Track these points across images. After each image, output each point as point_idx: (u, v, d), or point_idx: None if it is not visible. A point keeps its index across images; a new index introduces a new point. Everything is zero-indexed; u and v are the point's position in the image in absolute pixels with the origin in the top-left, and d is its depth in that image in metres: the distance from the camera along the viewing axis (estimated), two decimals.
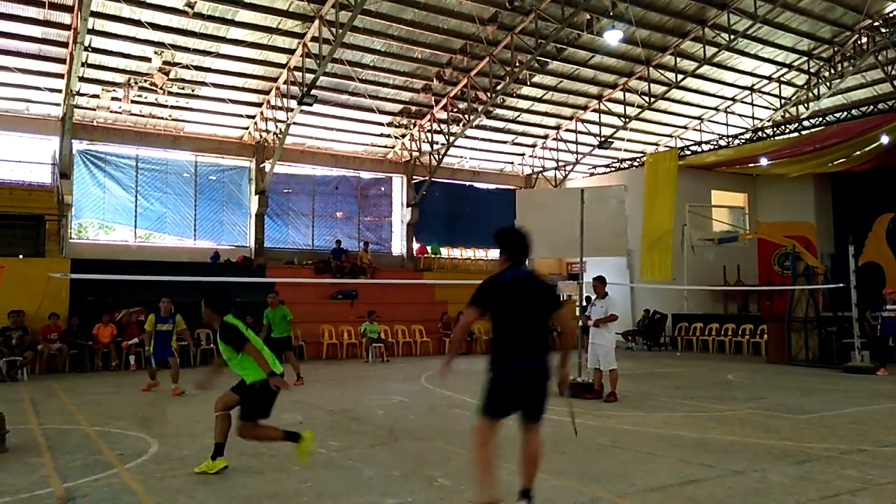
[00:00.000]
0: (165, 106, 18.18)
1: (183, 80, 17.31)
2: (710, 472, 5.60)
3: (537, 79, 20.01)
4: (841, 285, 14.74)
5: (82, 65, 15.51)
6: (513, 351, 4.30)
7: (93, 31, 14.90)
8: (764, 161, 19.87)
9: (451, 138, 20.50)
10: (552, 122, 22.78)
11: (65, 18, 14.65)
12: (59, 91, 16.66)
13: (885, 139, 16.94)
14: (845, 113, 18.78)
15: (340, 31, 14.88)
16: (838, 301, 15.88)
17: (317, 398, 10.45)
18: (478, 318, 4.41)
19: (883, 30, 20.06)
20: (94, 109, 17.75)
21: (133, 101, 17.58)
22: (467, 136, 21.52)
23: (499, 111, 21.16)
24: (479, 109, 19.61)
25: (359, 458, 6.22)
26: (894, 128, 16.75)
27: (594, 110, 22.02)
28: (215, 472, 5.57)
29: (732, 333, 18.94)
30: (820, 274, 16.01)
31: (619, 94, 21.33)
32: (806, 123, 19.68)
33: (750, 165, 20.79)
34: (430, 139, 21.41)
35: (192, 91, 17.80)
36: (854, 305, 13.78)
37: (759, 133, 20.89)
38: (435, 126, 21.03)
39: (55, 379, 12.90)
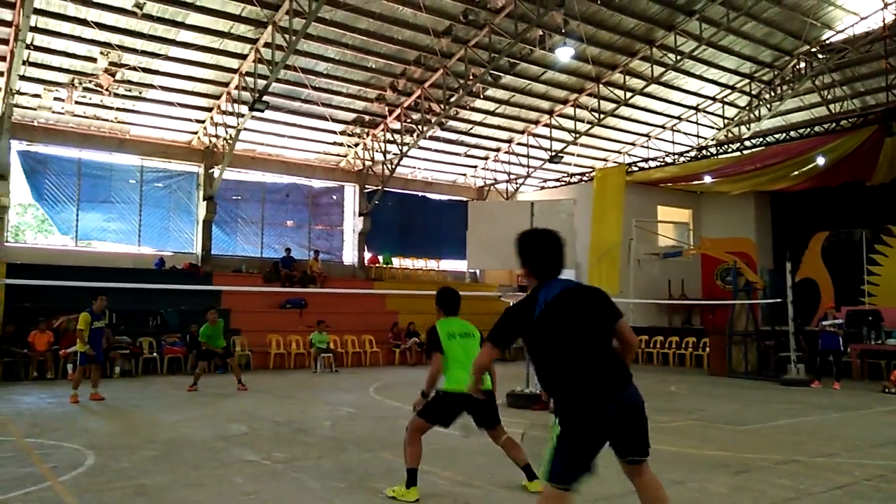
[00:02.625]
0: (111, 108, 17.69)
1: (130, 82, 16.89)
2: None
3: (490, 92, 20.23)
4: (779, 300, 15.26)
5: (24, 63, 15.01)
6: (585, 392, 3.26)
7: (35, 29, 14.43)
8: (708, 178, 20.47)
9: (405, 148, 20.53)
10: (504, 135, 23.03)
11: (6, 15, 14.15)
12: None
13: (820, 161, 17.65)
14: (784, 134, 19.49)
15: (294, 37, 14.78)
16: (776, 316, 16.43)
17: (263, 409, 10.29)
18: (496, 356, 3.53)
19: (820, 56, 20.96)
20: (35, 109, 17.16)
21: (77, 102, 17.06)
22: (420, 147, 21.57)
23: (452, 123, 21.29)
24: (433, 121, 19.70)
25: (304, 470, 6.15)
26: (829, 150, 17.48)
27: (545, 125, 22.35)
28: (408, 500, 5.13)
29: (676, 346, 19.39)
30: (759, 289, 16.55)
31: (569, 110, 21.70)
32: (748, 143, 20.36)
33: (694, 182, 21.39)
34: (383, 149, 21.39)
35: (140, 93, 17.37)
36: (791, 320, 14.27)
37: (704, 151, 21.51)
38: (388, 136, 21.03)
39: None
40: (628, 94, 20.65)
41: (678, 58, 19.38)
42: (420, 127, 19.91)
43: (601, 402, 3.21)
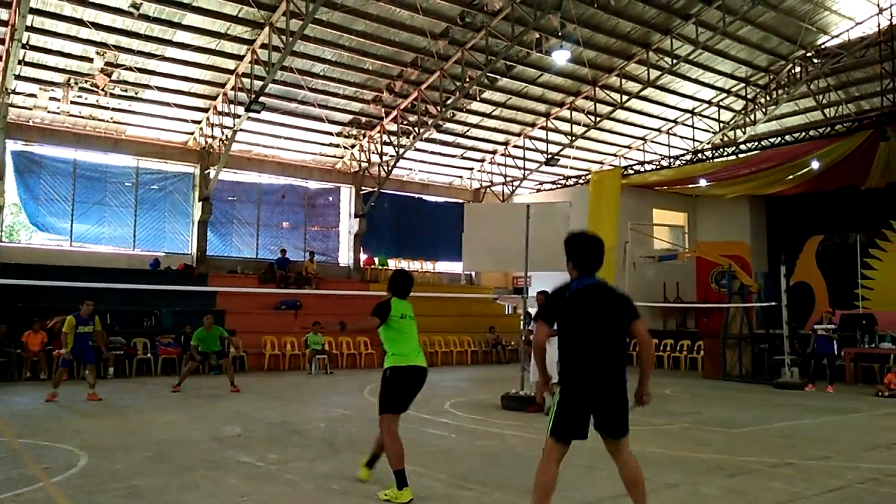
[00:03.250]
0: (107, 108, 17.65)
1: (126, 83, 16.86)
2: (645, 485, 5.71)
3: (487, 94, 20.24)
4: (773, 304, 15.30)
5: (19, 62, 14.97)
6: (582, 369, 4.03)
7: (31, 29, 14.41)
8: (703, 182, 20.52)
9: (401, 150, 20.53)
10: (501, 137, 23.05)
11: (2, 14, 14.12)
12: None
13: (815, 164, 17.72)
14: (779, 138, 19.55)
15: (291, 39, 14.76)
16: (771, 319, 16.47)
17: (257, 410, 10.27)
18: (550, 332, 4.19)
19: (815, 60, 21.04)
20: (30, 109, 17.11)
21: (72, 102, 17.02)
22: (417, 149, 21.58)
23: (448, 125, 21.30)
24: (429, 123, 19.70)
25: (298, 472, 6.14)
26: (824, 154, 17.55)
27: (542, 128, 22.38)
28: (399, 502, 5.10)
29: (671, 349, 19.42)
30: (754, 292, 16.59)
31: (565, 113, 21.74)
32: (743, 147, 20.41)
33: (690, 186, 21.45)
34: (379, 150, 21.39)
35: (136, 94, 17.35)
36: (785, 323, 14.31)
37: (699, 155, 21.57)
38: (385, 137, 21.03)
39: None
40: (624, 98, 20.69)
41: (674, 61, 19.43)
42: (416, 129, 19.92)
43: (588, 383, 4.00)
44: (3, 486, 5.43)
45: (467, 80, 18.27)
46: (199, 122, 19.03)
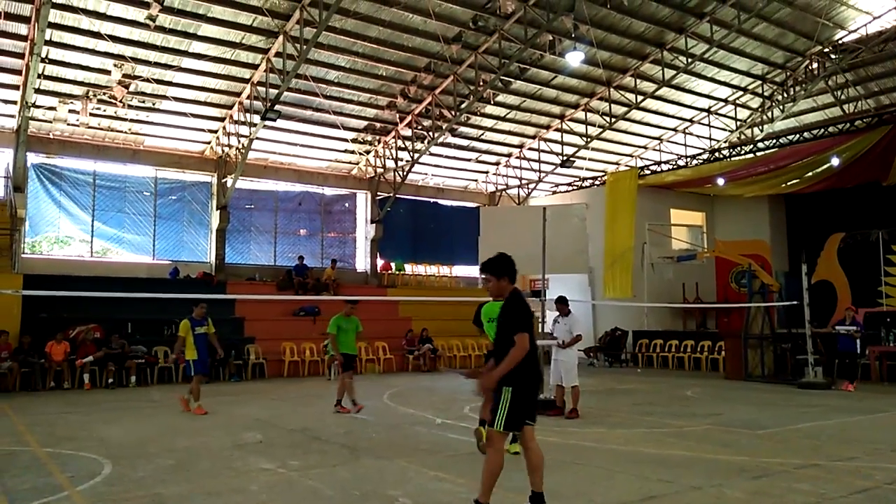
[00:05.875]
0: (125, 119, 17.88)
1: (143, 94, 17.06)
2: (668, 488, 5.66)
3: (501, 98, 20.24)
4: (795, 303, 15.11)
5: (39, 76, 15.19)
6: (532, 367, 4.79)
7: (50, 43, 14.63)
8: (721, 181, 20.36)
9: (416, 155, 20.57)
10: (516, 140, 23.02)
11: (21, 29, 14.36)
12: (14, 103, 16.28)
13: (835, 161, 17.51)
14: (798, 135, 19.35)
15: (305, 47, 14.86)
16: (792, 318, 16.27)
17: (277, 417, 10.31)
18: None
19: (833, 56, 20.81)
20: (50, 122, 17.37)
21: (91, 114, 17.24)
22: (432, 154, 21.60)
23: (463, 129, 21.32)
24: (444, 127, 19.72)
25: (319, 478, 6.15)
26: (844, 150, 17.34)
27: (557, 129, 22.32)
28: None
29: (691, 350, 19.23)
30: (775, 292, 16.40)
31: (580, 114, 21.66)
32: (760, 145, 20.23)
33: (707, 185, 21.28)
34: (394, 156, 21.44)
35: (153, 104, 17.55)
36: (807, 322, 14.13)
37: (716, 154, 21.40)
38: (399, 143, 21.08)
39: (5, 398, 12.48)
40: (639, 98, 20.59)
41: (689, 60, 19.31)
42: (431, 133, 19.95)
43: (535, 379, 4.91)
44: (30, 495, 5.49)
45: (481, 83, 18.27)
46: (216, 132, 19.20)
